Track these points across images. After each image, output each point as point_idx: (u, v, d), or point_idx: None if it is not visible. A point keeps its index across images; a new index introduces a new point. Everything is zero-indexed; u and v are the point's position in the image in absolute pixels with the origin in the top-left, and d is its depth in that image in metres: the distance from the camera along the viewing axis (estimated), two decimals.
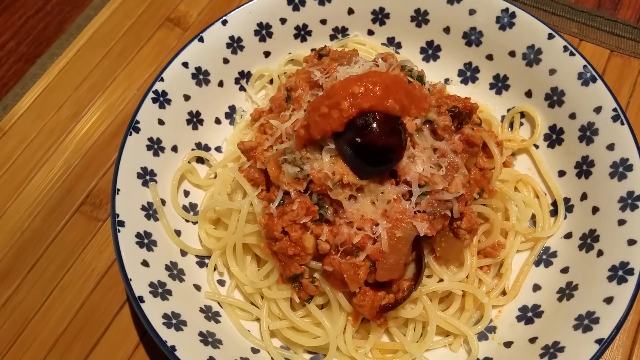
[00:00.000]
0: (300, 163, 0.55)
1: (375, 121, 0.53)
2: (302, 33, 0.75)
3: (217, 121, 0.72)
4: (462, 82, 0.73)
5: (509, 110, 0.70)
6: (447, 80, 0.74)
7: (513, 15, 0.68)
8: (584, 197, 0.60)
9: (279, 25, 0.74)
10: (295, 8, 0.74)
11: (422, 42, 0.74)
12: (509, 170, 0.63)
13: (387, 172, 0.55)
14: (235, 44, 0.72)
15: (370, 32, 0.76)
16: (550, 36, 0.66)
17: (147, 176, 0.62)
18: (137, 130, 0.63)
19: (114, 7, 0.89)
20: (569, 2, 0.81)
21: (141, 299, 0.54)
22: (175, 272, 0.59)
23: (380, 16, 0.75)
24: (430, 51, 0.74)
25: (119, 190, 0.59)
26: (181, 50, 0.69)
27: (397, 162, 0.54)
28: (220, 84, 0.72)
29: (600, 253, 0.56)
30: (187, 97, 0.69)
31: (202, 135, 0.70)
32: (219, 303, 0.61)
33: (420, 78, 0.62)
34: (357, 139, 0.53)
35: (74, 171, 0.74)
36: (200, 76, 0.70)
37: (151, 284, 0.55)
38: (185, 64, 0.69)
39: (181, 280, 0.59)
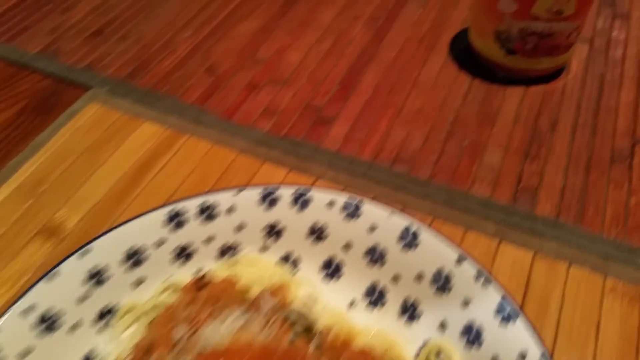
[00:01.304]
0: None
1: None
2: (184, 254, 0.65)
3: None
4: (368, 304, 0.62)
5: (423, 344, 0.58)
6: (352, 303, 0.63)
7: (415, 234, 0.60)
8: None
9: (154, 248, 0.63)
10: (176, 227, 0.64)
11: (323, 258, 0.65)
12: None
13: None
14: (98, 276, 0.60)
15: (265, 248, 0.66)
16: (460, 260, 0.57)
17: None
18: None
19: None
20: (483, 198, 0.76)
21: None
22: None
23: (274, 231, 0.66)
24: (332, 269, 0.65)
25: None
26: (25, 292, 0.57)
27: None
28: (74, 327, 0.59)
29: None
30: (26, 353, 0.55)
31: None
32: None
33: (309, 331, 0.51)
34: None
35: None
36: (48, 321, 0.57)
37: None
38: (28, 309, 0.56)
39: None
